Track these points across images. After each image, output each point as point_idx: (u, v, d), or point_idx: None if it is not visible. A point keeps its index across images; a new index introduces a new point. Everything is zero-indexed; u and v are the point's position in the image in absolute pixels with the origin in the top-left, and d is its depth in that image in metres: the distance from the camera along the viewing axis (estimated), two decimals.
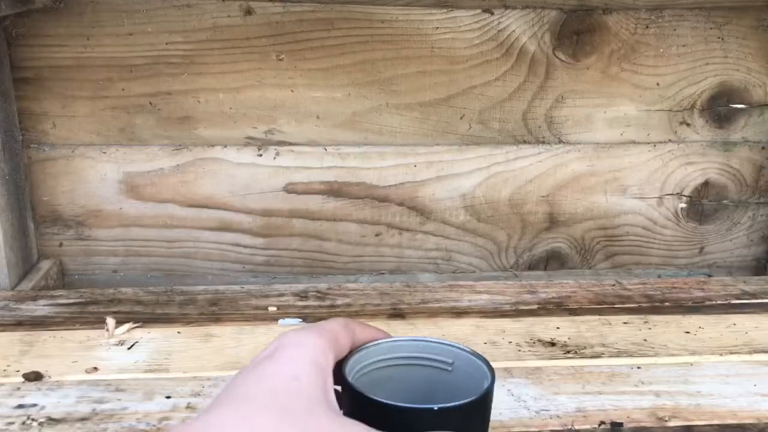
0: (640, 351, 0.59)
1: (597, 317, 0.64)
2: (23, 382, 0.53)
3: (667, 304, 0.67)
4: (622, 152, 0.82)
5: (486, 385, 0.40)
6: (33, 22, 0.71)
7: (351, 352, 0.42)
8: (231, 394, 0.35)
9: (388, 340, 0.45)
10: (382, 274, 0.84)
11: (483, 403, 0.40)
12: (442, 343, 0.45)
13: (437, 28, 0.75)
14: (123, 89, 0.73)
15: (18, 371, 0.54)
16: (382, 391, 0.39)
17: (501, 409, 0.50)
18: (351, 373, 0.41)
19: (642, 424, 0.49)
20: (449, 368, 0.45)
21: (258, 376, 0.36)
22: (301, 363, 0.37)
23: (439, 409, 0.37)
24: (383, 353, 0.45)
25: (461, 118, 0.79)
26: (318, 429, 0.33)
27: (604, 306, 0.67)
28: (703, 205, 0.84)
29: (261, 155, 0.77)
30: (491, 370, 0.41)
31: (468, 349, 0.43)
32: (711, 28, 0.78)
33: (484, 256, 0.85)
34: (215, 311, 0.64)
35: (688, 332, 0.62)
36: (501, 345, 0.59)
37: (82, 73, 0.73)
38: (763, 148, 0.83)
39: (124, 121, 0.75)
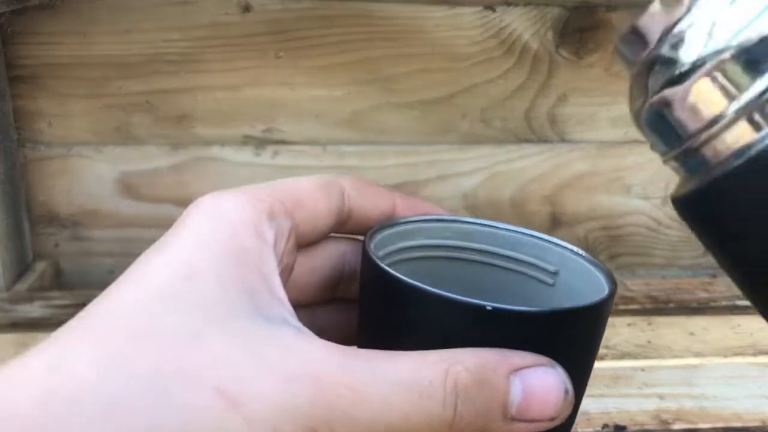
0: (644, 353, 0.58)
1: None
2: None
3: (671, 305, 0.67)
4: (625, 151, 0.81)
5: (595, 299, 0.26)
6: (29, 19, 0.70)
7: (377, 228, 0.29)
8: (84, 316, 0.22)
9: (447, 217, 0.31)
10: None
11: (572, 322, 0.25)
12: (543, 239, 0.30)
13: (438, 25, 0.74)
14: (119, 87, 0.73)
15: None
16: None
17: None
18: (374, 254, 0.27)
19: (646, 427, 0.48)
20: (550, 280, 0.30)
21: (131, 277, 0.23)
22: (205, 246, 0.23)
23: (495, 310, 0.23)
24: (436, 236, 0.30)
25: (463, 117, 0.78)
26: (204, 357, 0.21)
27: None
28: None
29: (259, 154, 0.76)
30: (613, 282, 0.27)
31: (583, 254, 0.29)
32: None
33: None
34: None
35: (692, 334, 0.61)
36: None
37: (79, 71, 0.72)
38: None
39: (120, 120, 0.74)
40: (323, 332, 0.24)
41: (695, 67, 0.21)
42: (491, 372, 0.23)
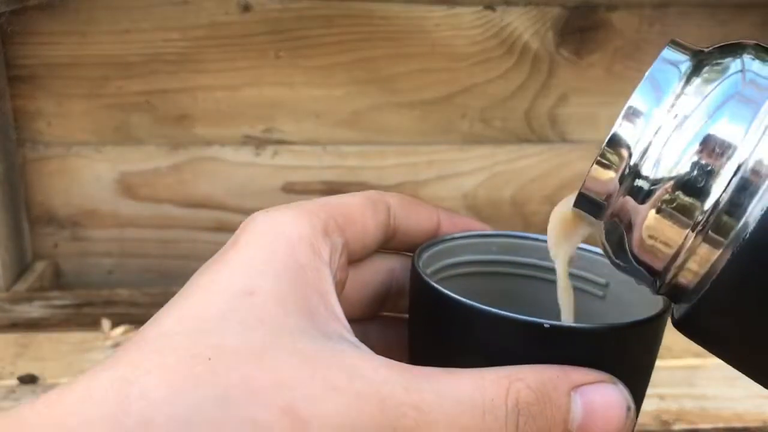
0: None
1: None
2: (18, 385, 0.52)
3: None
4: None
5: (650, 312, 0.26)
6: (28, 19, 0.70)
7: (425, 246, 0.29)
8: (147, 332, 0.23)
9: (493, 232, 0.31)
10: None
11: (631, 338, 0.25)
12: (591, 251, 0.30)
13: (438, 25, 0.74)
14: (119, 87, 0.73)
15: (12, 373, 0.54)
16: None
17: None
18: (425, 272, 0.27)
19: (646, 428, 0.48)
20: (600, 293, 0.30)
21: (190, 294, 0.23)
22: (264, 264, 0.24)
23: (552, 327, 0.23)
24: (482, 251, 0.30)
25: (463, 117, 0.78)
26: (271, 376, 0.21)
27: None
28: None
29: (259, 154, 0.76)
30: (667, 300, 0.26)
31: None
32: (716, 26, 0.77)
33: None
34: None
35: None
36: None
37: (78, 71, 0.72)
38: None
39: (119, 120, 0.74)
40: (373, 347, 0.24)
41: (644, 209, 0.23)
42: (552, 389, 0.23)
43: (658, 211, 0.22)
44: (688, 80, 0.23)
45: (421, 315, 0.27)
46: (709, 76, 0.23)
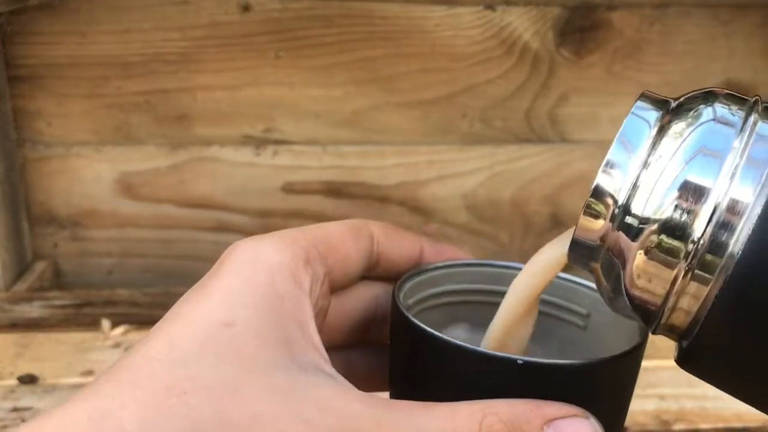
0: (645, 353, 0.58)
1: None
2: (18, 385, 0.53)
3: None
4: None
5: (627, 345, 0.26)
6: (28, 19, 0.70)
7: (407, 277, 0.29)
8: (125, 362, 0.23)
9: (476, 261, 0.32)
10: None
11: (604, 373, 0.25)
12: (573, 282, 0.30)
13: (438, 25, 0.74)
14: (119, 87, 0.73)
15: (12, 373, 0.54)
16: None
17: None
18: (404, 303, 0.27)
19: (646, 428, 0.48)
20: (582, 323, 0.30)
21: (171, 322, 0.23)
22: (243, 294, 0.24)
23: (525, 364, 0.23)
24: (465, 281, 0.31)
25: (463, 117, 0.78)
26: (244, 411, 0.21)
27: None
28: None
29: (259, 154, 0.76)
30: (645, 330, 0.27)
31: None
32: (716, 26, 0.77)
33: (486, 257, 0.84)
34: None
35: None
36: None
37: (78, 71, 0.72)
38: None
39: (119, 120, 0.74)
40: (356, 375, 0.25)
41: (635, 246, 0.24)
42: (525, 423, 0.23)
43: (646, 253, 0.23)
44: (661, 130, 0.24)
45: (399, 346, 0.28)
46: (681, 125, 0.24)
